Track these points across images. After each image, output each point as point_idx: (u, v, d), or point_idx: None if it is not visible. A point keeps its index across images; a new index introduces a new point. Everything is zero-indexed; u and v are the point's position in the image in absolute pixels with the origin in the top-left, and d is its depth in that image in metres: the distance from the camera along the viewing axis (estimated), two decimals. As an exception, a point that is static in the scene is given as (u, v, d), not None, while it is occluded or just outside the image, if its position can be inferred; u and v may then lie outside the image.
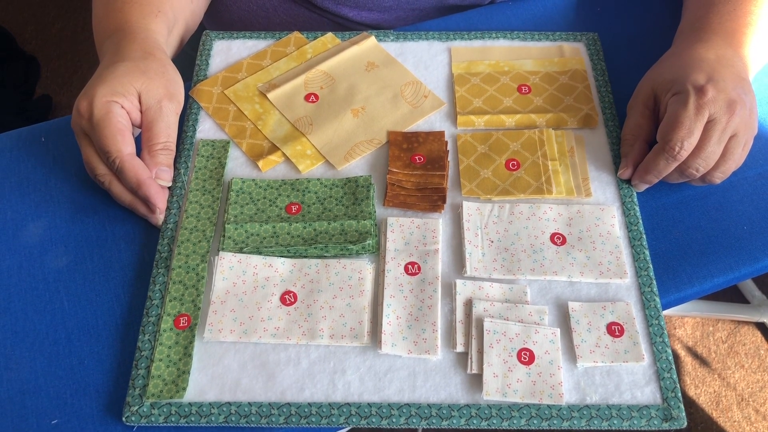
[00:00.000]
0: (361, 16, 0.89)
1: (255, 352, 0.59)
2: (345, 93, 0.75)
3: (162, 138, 0.65)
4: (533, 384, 0.57)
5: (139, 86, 0.65)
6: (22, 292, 0.64)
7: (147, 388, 0.56)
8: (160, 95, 0.66)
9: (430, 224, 0.66)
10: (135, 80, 0.65)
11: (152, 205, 0.63)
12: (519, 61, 0.78)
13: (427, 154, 0.70)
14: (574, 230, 0.65)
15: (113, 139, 0.62)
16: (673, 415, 0.56)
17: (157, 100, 0.65)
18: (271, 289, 0.61)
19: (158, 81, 0.66)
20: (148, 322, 0.60)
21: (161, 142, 0.65)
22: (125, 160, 0.62)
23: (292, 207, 0.66)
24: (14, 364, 0.60)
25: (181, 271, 0.62)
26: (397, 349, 0.59)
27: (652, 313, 0.61)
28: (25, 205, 0.69)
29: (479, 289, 0.62)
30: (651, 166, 0.64)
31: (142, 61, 0.67)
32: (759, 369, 1.49)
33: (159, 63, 0.68)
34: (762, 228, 0.68)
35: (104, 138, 0.62)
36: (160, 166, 0.65)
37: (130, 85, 0.64)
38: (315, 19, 0.92)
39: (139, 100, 0.65)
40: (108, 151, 0.62)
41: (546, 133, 0.71)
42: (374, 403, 0.57)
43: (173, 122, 0.67)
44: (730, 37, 0.69)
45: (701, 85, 0.63)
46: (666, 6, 0.85)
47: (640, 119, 0.68)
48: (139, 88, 0.65)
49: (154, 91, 0.65)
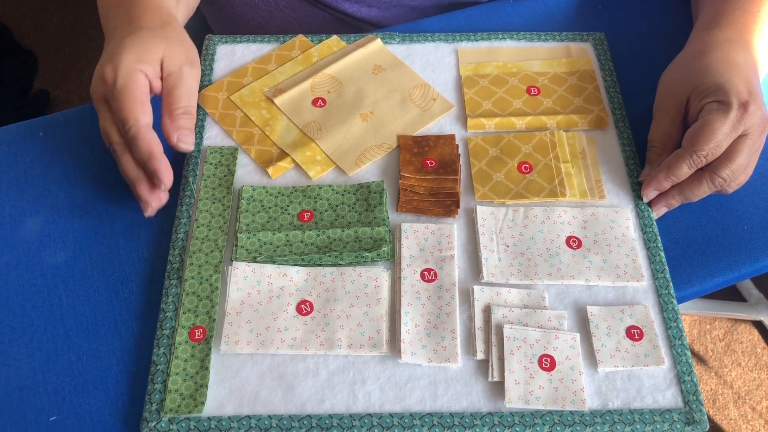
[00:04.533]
0: (361, 12, 0.89)
1: (273, 364, 0.58)
2: (353, 97, 0.74)
3: (183, 102, 0.65)
4: (555, 390, 0.57)
5: (161, 53, 0.65)
6: (20, 287, 0.63)
7: (164, 403, 0.55)
8: (181, 61, 0.66)
9: (445, 230, 0.65)
10: (158, 47, 0.65)
11: (158, 179, 0.62)
12: (527, 62, 0.77)
13: (439, 158, 0.69)
14: (589, 233, 0.65)
15: (133, 108, 0.61)
16: (696, 419, 0.56)
17: (179, 66, 0.65)
18: (286, 299, 0.60)
19: (179, 48, 0.66)
20: (163, 335, 0.59)
21: (182, 106, 0.65)
22: (141, 130, 0.61)
23: (304, 214, 0.65)
24: (12, 360, 0.60)
25: (194, 282, 0.61)
26: (417, 358, 0.58)
27: (670, 316, 0.61)
28: (23, 201, 0.69)
29: (497, 295, 0.61)
30: (673, 170, 0.64)
31: (161, 29, 0.67)
32: (756, 367, 1.50)
33: (177, 31, 0.68)
34: (762, 228, 0.68)
35: (124, 106, 0.61)
36: (181, 130, 0.64)
37: (154, 52, 0.64)
38: (317, 14, 0.91)
39: (161, 67, 0.65)
40: (126, 119, 0.61)
41: (557, 135, 0.71)
42: (396, 414, 0.56)
43: (194, 88, 0.67)
44: (749, 35, 0.68)
45: (745, 100, 0.62)
46: (669, 2, 0.85)
47: (670, 126, 0.67)
48: (162, 54, 0.65)
49: (175, 58, 0.65)
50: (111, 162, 0.70)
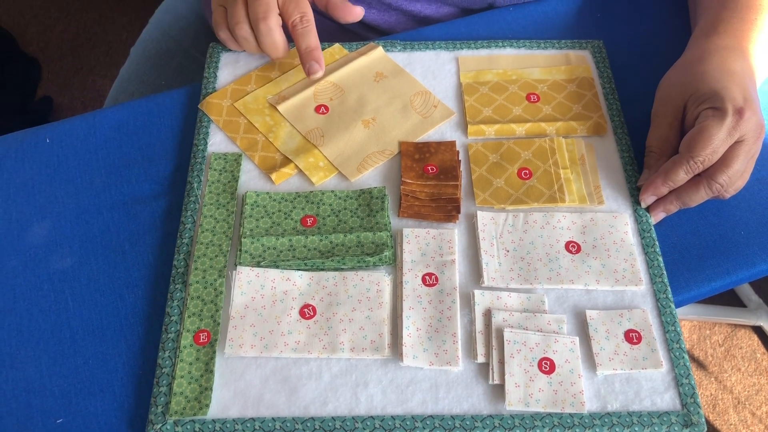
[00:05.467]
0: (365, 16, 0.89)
1: (276, 367, 0.59)
2: (355, 104, 0.75)
3: None
4: (555, 393, 0.57)
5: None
6: (27, 292, 0.64)
7: (169, 405, 0.56)
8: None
9: (446, 235, 0.66)
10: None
11: (320, 65, 0.72)
12: (526, 70, 0.78)
13: (440, 164, 0.70)
14: (588, 238, 0.66)
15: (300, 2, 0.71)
16: (693, 421, 0.57)
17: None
18: (290, 303, 0.61)
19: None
20: (168, 338, 0.59)
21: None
22: (312, 22, 0.72)
23: (307, 219, 0.66)
24: (20, 363, 0.60)
25: (199, 286, 0.62)
26: (419, 361, 0.59)
27: (668, 320, 0.61)
28: (29, 206, 0.70)
29: (497, 299, 0.62)
30: (670, 175, 0.64)
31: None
32: (755, 372, 1.50)
33: None
34: (759, 232, 0.69)
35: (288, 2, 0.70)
36: None
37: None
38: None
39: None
40: (291, 12, 0.70)
41: (557, 142, 0.72)
42: (398, 416, 0.57)
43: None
44: (747, 42, 0.69)
45: (740, 106, 0.63)
46: (666, 9, 0.86)
47: (668, 132, 0.68)
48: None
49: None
50: (117, 168, 0.72)
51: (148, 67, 0.99)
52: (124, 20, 2.08)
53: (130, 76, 0.99)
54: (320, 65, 0.73)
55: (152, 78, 0.98)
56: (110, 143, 0.73)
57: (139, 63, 1.00)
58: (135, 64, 1.01)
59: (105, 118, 0.75)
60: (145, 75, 0.99)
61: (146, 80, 0.98)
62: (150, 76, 0.98)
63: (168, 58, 0.99)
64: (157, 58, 1.00)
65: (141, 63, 1.00)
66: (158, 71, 0.98)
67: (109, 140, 0.74)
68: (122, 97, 0.97)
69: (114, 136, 0.74)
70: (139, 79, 0.98)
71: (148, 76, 0.98)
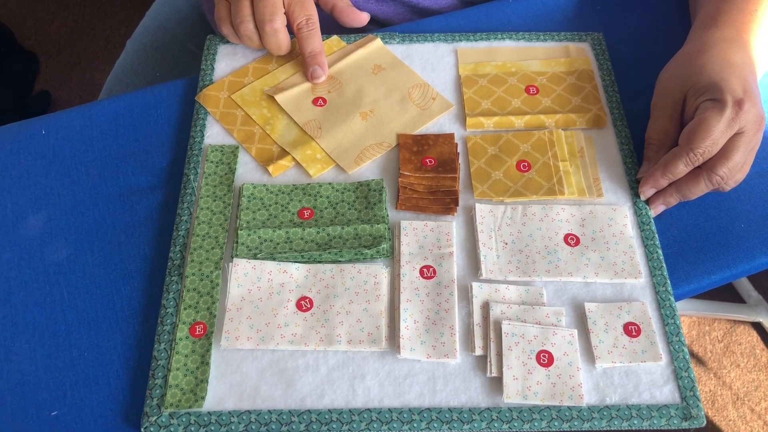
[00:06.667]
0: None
1: (273, 359, 0.58)
2: (353, 96, 0.75)
3: None
4: (553, 386, 0.57)
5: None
6: (22, 284, 0.64)
7: (165, 397, 0.55)
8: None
9: (444, 227, 0.65)
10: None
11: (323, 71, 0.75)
12: (525, 62, 0.78)
13: (438, 157, 0.69)
14: (587, 231, 0.65)
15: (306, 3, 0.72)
16: (692, 414, 0.56)
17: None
18: (286, 295, 0.61)
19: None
20: (163, 330, 0.59)
21: None
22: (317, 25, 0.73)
23: (304, 212, 0.66)
24: (14, 355, 0.60)
25: (195, 278, 0.61)
26: (416, 354, 0.58)
27: (667, 313, 0.61)
28: (25, 198, 0.69)
29: (495, 292, 0.62)
30: (670, 168, 0.64)
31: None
32: (754, 368, 1.50)
33: None
34: (759, 226, 0.68)
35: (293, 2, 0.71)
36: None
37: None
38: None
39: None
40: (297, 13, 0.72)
41: (556, 134, 0.71)
42: (395, 409, 0.56)
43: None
44: (747, 34, 0.69)
45: (739, 98, 0.62)
46: (666, 1, 0.86)
47: (667, 124, 0.67)
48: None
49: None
50: (113, 160, 0.71)
51: (144, 60, 0.99)
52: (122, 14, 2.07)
53: (126, 69, 0.99)
54: (323, 70, 0.74)
55: (147, 70, 0.98)
56: (106, 135, 0.73)
57: (134, 55, 1.00)
58: (131, 57, 1.00)
59: (101, 109, 0.75)
60: (140, 67, 0.98)
61: (142, 72, 0.98)
62: (145, 68, 0.98)
63: (163, 51, 0.99)
64: (153, 51, 0.99)
65: (137, 55, 1.00)
66: (154, 63, 0.98)
67: (105, 132, 0.73)
68: (117, 89, 0.97)
69: (110, 128, 0.74)
70: (135, 72, 0.98)
71: (144, 68, 0.98)
